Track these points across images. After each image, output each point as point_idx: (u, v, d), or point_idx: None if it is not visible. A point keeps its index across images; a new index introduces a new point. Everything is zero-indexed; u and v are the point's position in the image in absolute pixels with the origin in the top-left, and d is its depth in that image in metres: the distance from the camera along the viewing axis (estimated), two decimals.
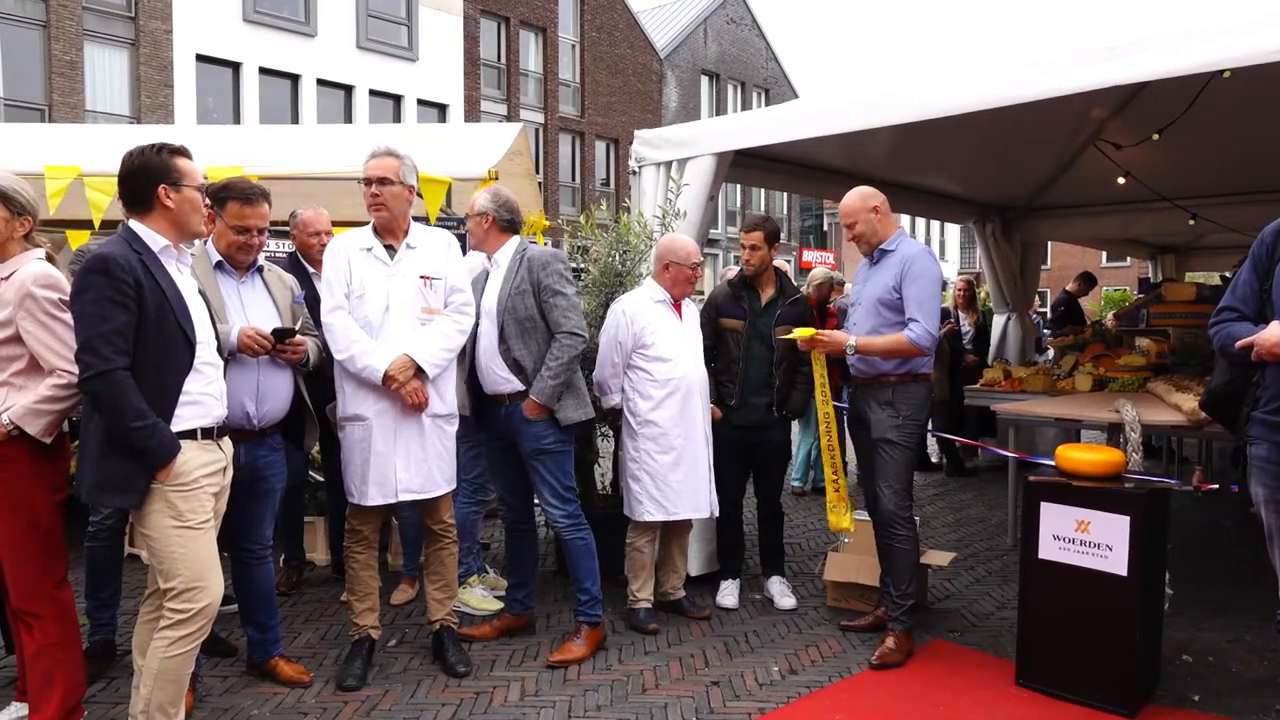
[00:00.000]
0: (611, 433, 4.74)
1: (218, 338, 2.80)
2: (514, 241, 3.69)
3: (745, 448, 4.33)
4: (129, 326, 2.48)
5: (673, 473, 3.93)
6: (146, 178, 2.62)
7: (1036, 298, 10.19)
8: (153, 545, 2.60)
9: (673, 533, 4.19)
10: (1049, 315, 10.27)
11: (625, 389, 3.99)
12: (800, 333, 3.79)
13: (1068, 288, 9.40)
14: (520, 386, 3.57)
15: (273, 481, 3.28)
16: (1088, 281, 9.39)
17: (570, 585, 3.93)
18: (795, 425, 5.05)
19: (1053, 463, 3.54)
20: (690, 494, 3.97)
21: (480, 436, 3.84)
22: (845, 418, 4.09)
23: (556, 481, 3.64)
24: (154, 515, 2.58)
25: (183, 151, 2.68)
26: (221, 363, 2.79)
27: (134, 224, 2.64)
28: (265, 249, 3.31)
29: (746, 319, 4.31)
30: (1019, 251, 8.21)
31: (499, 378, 3.61)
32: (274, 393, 3.19)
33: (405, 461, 3.34)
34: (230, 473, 2.81)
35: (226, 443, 2.80)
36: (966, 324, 8.12)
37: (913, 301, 3.60)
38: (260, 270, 3.30)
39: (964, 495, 7.10)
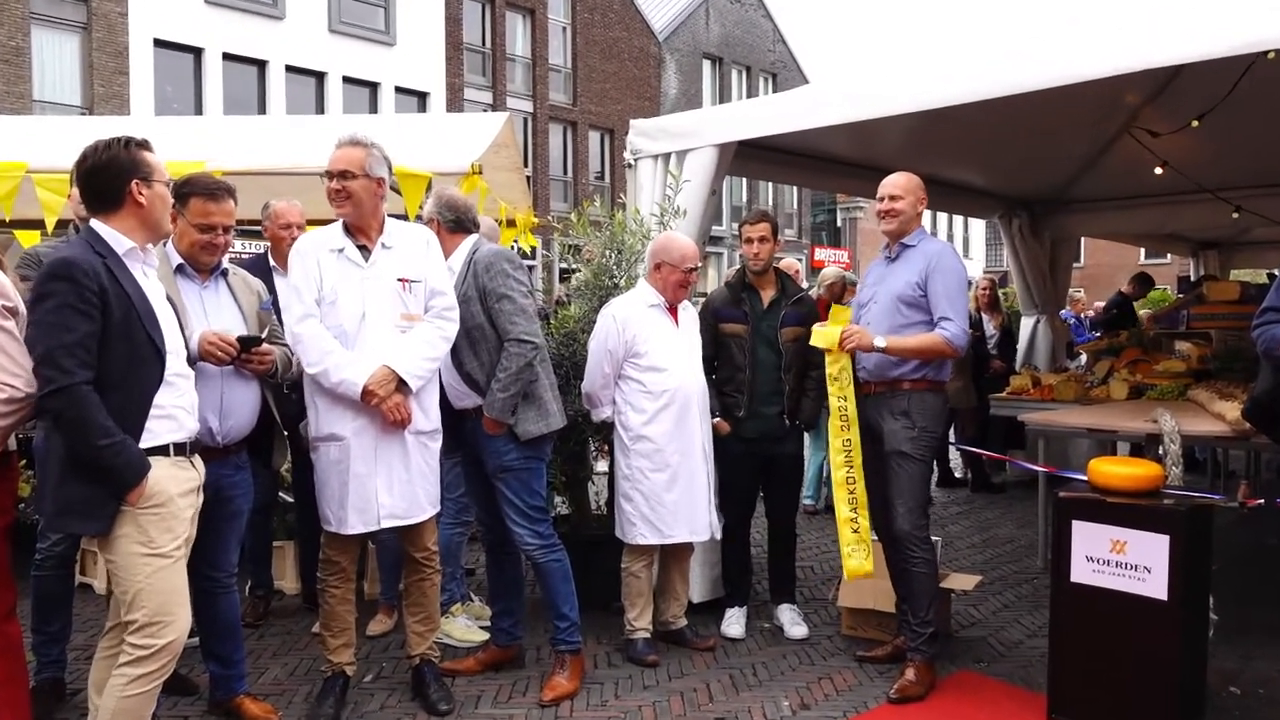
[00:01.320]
0: (607, 448, 4.75)
1: (187, 345, 2.80)
2: (467, 243, 3.70)
3: (756, 462, 4.33)
4: (92, 337, 2.48)
5: (667, 492, 3.93)
6: (116, 173, 2.62)
7: (1078, 297, 10.18)
8: (118, 574, 2.59)
9: (672, 557, 4.19)
10: (1089, 315, 10.30)
11: (617, 401, 4.00)
12: (834, 321, 3.69)
13: (1123, 289, 9.40)
14: (479, 400, 3.57)
15: (239, 503, 3.27)
16: (1144, 284, 9.38)
17: None
18: (805, 437, 5.05)
19: (1085, 477, 3.54)
20: (687, 515, 3.97)
21: (458, 452, 3.84)
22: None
23: (521, 500, 3.62)
24: (122, 541, 2.56)
25: (147, 145, 2.70)
26: (192, 373, 2.79)
27: (97, 225, 2.64)
28: (231, 249, 3.31)
29: (749, 322, 4.32)
30: (1048, 249, 8.24)
31: (457, 392, 3.63)
32: (239, 406, 3.18)
33: (388, 484, 3.33)
34: (202, 493, 2.81)
35: (199, 460, 2.80)
36: (990, 327, 8.14)
37: (942, 298, 3.62)
38: (225, 274, 3.29)
39: (990, 513, 7.09)
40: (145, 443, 2.57)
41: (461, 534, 4.45)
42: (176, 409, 2.66)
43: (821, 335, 3.76)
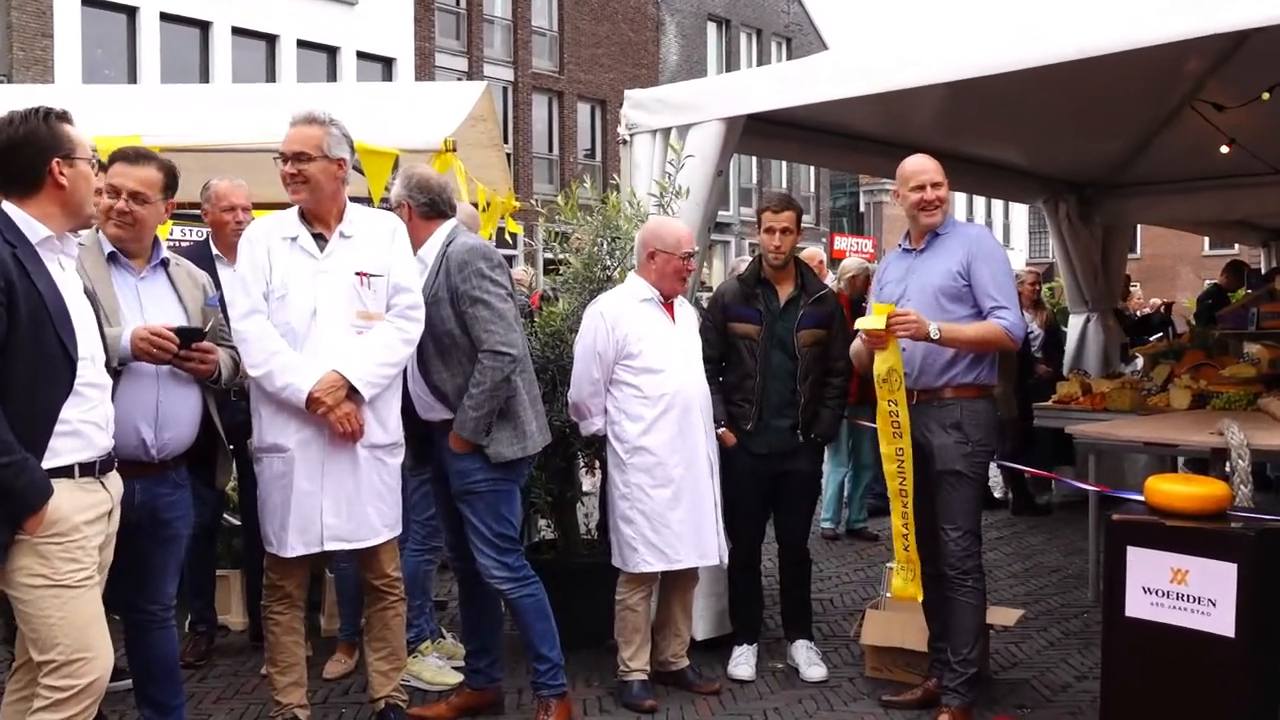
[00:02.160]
0: (598, 465, 4.75)
1: (106, 349, 2.77)
2: (443, 230, 3.69)
3: (765, 480, 4.34)
4: None
5: (672, 510, 3.94)
6: (34, 151, 2.59)
7: (1134, 293, 10.17)
8: (23, 611, 2.56)
9: (674, 587, 4.19)
10: (1158, 312, 10.28)
11: (610, 410, 4.00)
12: (877, 311, 3.62)
13: (1218, 280, 9.40)
14: (447, 415, 3.58)
15: (177, 526, 3.25)
16: (1237, 272, 9.39)
17: None
18: (824, 453, 5.05)
19: (1142, 498, 3.55)
20: (694, 536, 3.98)
21: (426, 468, 3.85)
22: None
23: (487, 527, 3.62)
24: (21, 574, 2.52)
25: (68, 118, 2.68)
26: (109, 382, 2.74)
27: (10, 209, 2.61)
28: (170, 239, 3.32)
29: (763, 322, 4.33)
30: (1099, 237, 8.26)
31: (424, 402, 3.64)
32: (178, 416, 3.16)
33: (334, 502, 3.34)
34: (117, 516, 2.79)
35: (114, 479, 2.76)
36: (1034, 326, 8.16)
37: (991, 285, 3.65)
38: (165, 264, 3.28)
39: (1034, 538, 7.11)
40: (47, 462, 2.51)
41: (430, 562, 4.45)
42: (86, 424, 2.61)
43: (870, 320, 3.68)
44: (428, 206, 3.69)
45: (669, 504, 3.93)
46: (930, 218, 3.80)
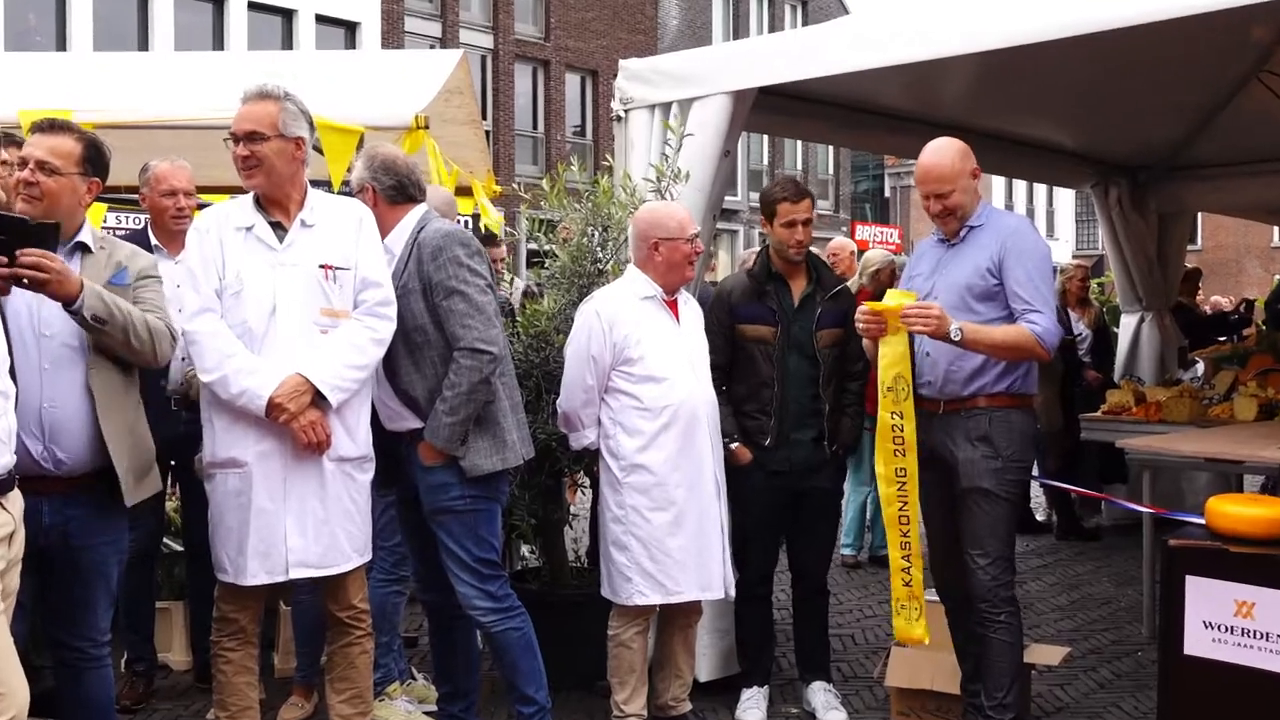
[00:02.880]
0: (589, 483, 4.75)
1: (10, 351, 2.73)
2: (412, 217, 3.70)
3: (783, 500, 4.35)
4: None
5: (672, 537, 3.94)
6: None
7: (1194, 288, 10.13)
8: None
9: (675, 622, 4.19)
10: (1237, 310, 10.24)
11: (604, 422, 4.01)
12: (892, 297, 3.64)
13: None
14: (417, 423, 3.59)
15: (102, 552, 3.23)
16: None
17: None
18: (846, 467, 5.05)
19: (1203, 521, 3.56)
20: (697, 566, 3.98)
21: (392, 487, 3.85)
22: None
23: (465, 551, 3.62)
24: None
25: None
26: (12, 389, 2.68)
27: None
28: (104, 226, 3.31)
29: (779, 323, 4.34)
30: (1155, 226, 8.28)
31: (390, 410, 3.64)
32: (69, 422, 3.07)
33: (299, 523, 3.34)
34: (20, 540, 2.73)
35: (14, 498, 2.71)
36: (1081, 326, 8.18)
37: (1025, 286, 3.65)
38: (84, 249, 3.22)
39: (1081, 567, 7.12)
40: None
41: (399, 593, 4.45)
42: None
43: (891, 295, 3.68)
44: (394, 190, 3.69)
45: (669, 529, 3.93)
46: (945, 227, 3.84)
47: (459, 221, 4.95)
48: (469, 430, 3.56)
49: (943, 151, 3.79)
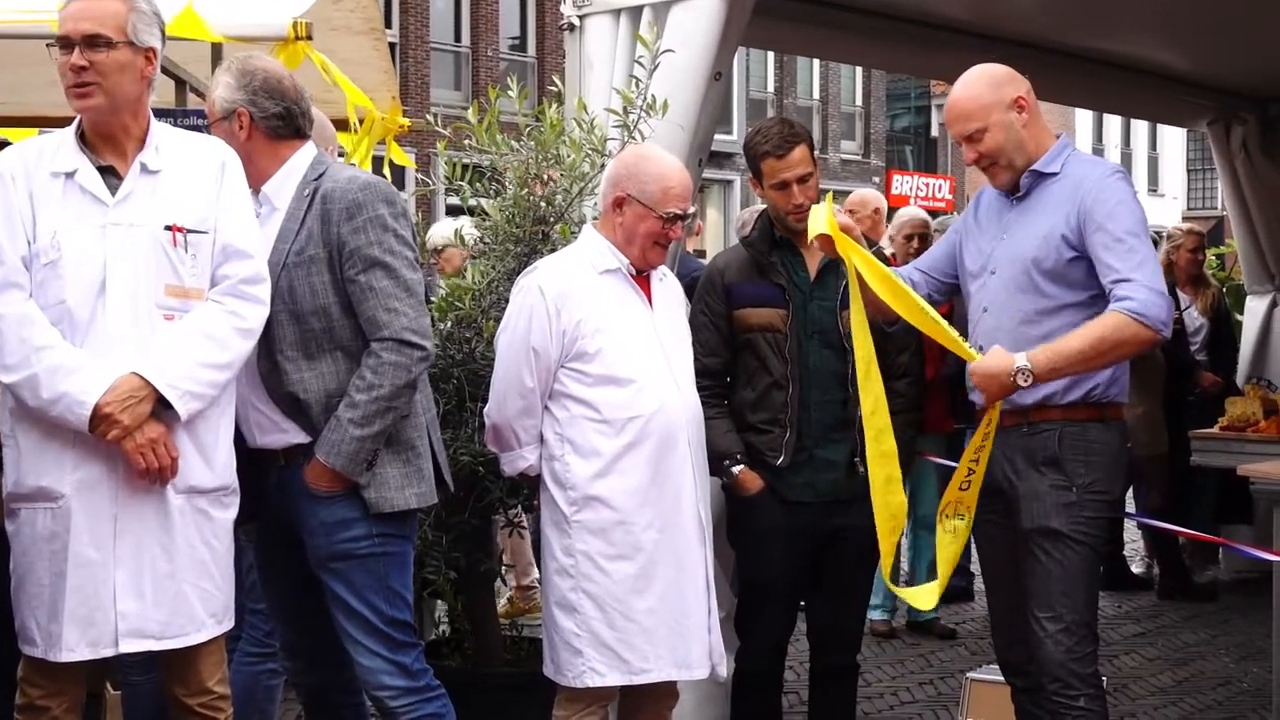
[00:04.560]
0: (524, 520, 4.75)
1: None
2: (302, 158, 3.71)
3: (807, 542, 4.37)
4: None
5: (638, 595, 3.93)
6: None
7: None
8: None
9: (641, 710, 4.20)
10: None
11: (548, 439, 4.01)
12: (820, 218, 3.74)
13: None
14: (301, 438, 3.62)
15: None
16: None
17: None
18: None
19: None
20: (671, 635, 3.97)
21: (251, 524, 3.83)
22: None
23: (372, 611, 3.63)
24: None
25: None
26: None
27: None
28: None
29: (789, 304, 4.36)
30: None
31: (263, 419, 3.65)
32: None
33: (134, 579, 3.31)
34: None
35: None
36: (1194, 313, 8.22)
37: (1113, 249, 3.63)
38: None
39: (1191, 635, 7.17)
40: None
41: (274, 672, 4.43)
42: None
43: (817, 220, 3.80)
44: (280, 120, 3.68)
45: (634, 585, 3.92)
46: (994, 178, 3.87)
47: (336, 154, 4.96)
48: (378, 450, 3.58)
49: (968, 82, 3.84)
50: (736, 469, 4.29)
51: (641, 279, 4.07)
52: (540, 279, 4.01)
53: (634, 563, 3.94)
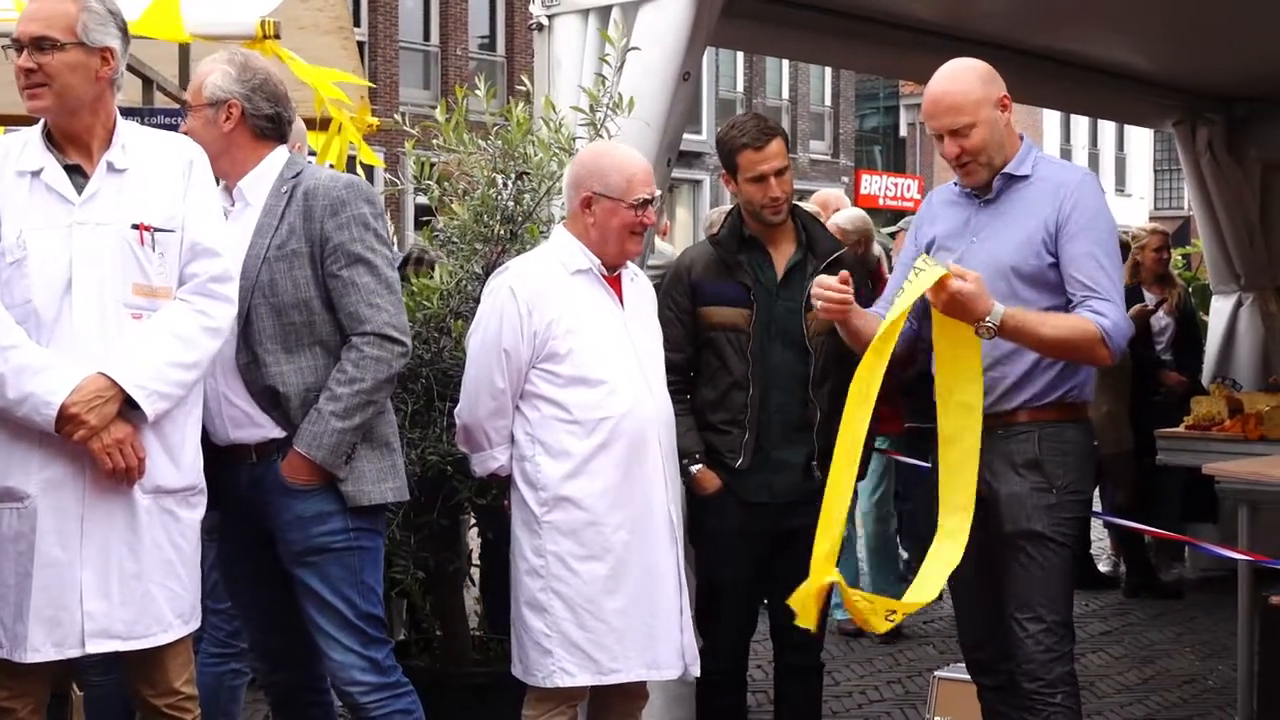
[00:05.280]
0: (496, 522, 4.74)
1: None
2: (276, 158, 3.73)
3: (763, 545, 4.38)
4: None
5: (609, 595, 3.94)
6: None
7: None
8: None
9: (611, 710, 4.20)
10: None
11: (519, 439, 4.01)
12: (920, 276, 3.47)
13: None
14: (276, 432, 3.63)
15: None
16: None
17: None
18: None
19: None
20: (642, 635, 3.98)
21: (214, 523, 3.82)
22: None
23: (347, 605, 3.66)
24: None
25: None
26: None
27: None
28: None
29: (754, 303, 4.37)
30: (1258, 180, 8.39)
31: (238, 414, 3.64)
32: None
33: (100, 579, 3.29)
34: None
35: None
36: (1160, 313, 8.24)
37: (1089, 264, 3.66)
38: None
39: (1158, 634, 7.22)
40: None
41: (238, 673, 4.44)
42: None
43: (925, 279, 3.48)
44: (269, 123, 3.71)
45: (604, 585, 3.93)
46: (968, 178, 3.85)
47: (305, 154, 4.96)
48: (356, 444, 3.60)
49: (957, 74, 3.82)
50: (695, 468, 4.30)
51: (613, 279, 4.07)
52: (512, 280, 4.01)
53: (604, 563, 3.94)
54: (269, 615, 3.79)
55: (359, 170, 6.95)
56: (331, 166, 6.85)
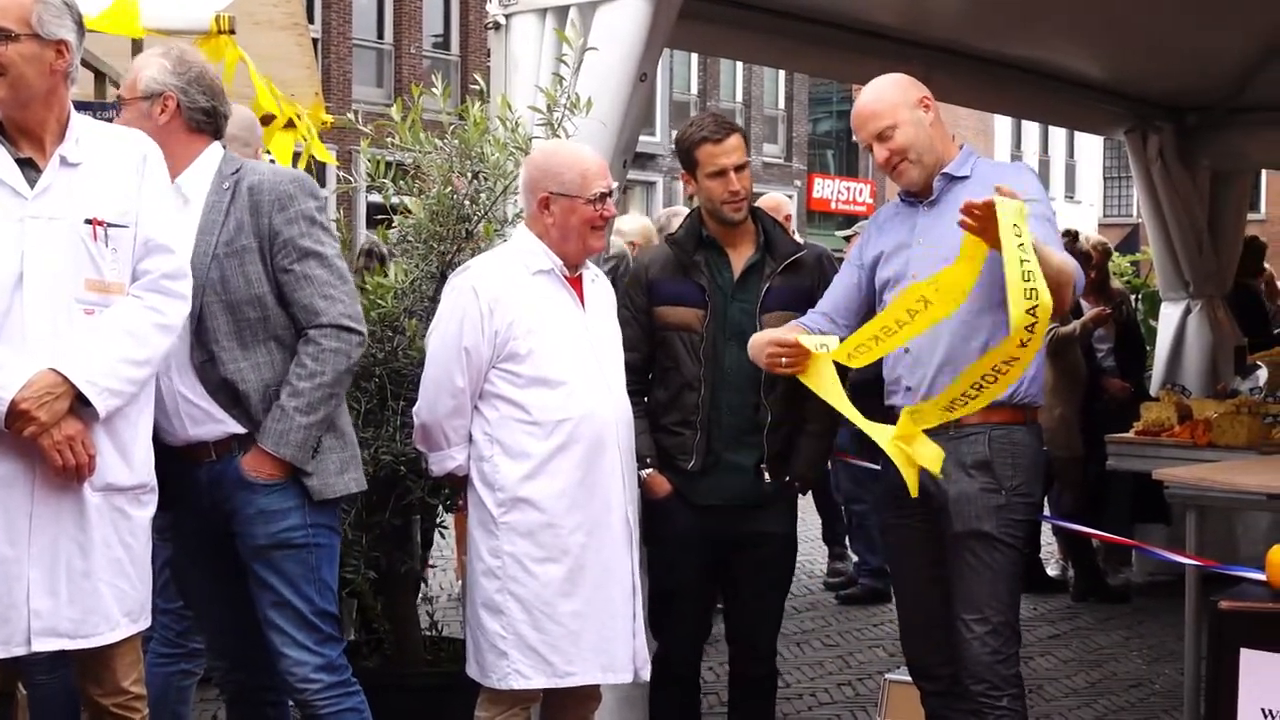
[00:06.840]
0: (450, 522, 4.73)
1: None
2: (212, 154, 3.72)
3: (715, 548, 4.39)
4: None
5: (565, 598, 3.95)
6: None
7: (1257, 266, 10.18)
8: None
9: (565, 713, 4.20)
10: None
11: (477, 439, 4.01)
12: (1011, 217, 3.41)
13: None
14: (235, 428, 3.62)
15: None
16: None
17: None
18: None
19: (1264, 576, 3.66)
20: (597, 638, 3.98)
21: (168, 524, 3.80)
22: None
23: (304, 601, 3.65)
24: None
25: None
26: None
27: None
28: None
29: (709, 304, 4.37)
30: (1206, 188, 8.46)
31: (196, 410, 3.63)
32: None
33: (48, 577, 3.27)
34: None
35: None
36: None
37: (1043, 227, 3.70)
38: None
39: (1105, 638, 7.27)
40: None
41: (188, 673, 4.42)
42: None
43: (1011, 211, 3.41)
44: (204, 116, 3.70)
45: (561, 588, 3.93)
46: (903, 179, 3.91)
47: (263, 155, 4.96)
48: (320, 437, 3.61)
49: (875, 85, 3.95)
50: (645, 472, 4.29)
51: (574, 279, 4.08)
52: (473, 279, 4.02)
53: (561, 565, 3.95)
54: (226, 615, 3.77)
55: (307, 167, 6.89)
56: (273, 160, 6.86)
